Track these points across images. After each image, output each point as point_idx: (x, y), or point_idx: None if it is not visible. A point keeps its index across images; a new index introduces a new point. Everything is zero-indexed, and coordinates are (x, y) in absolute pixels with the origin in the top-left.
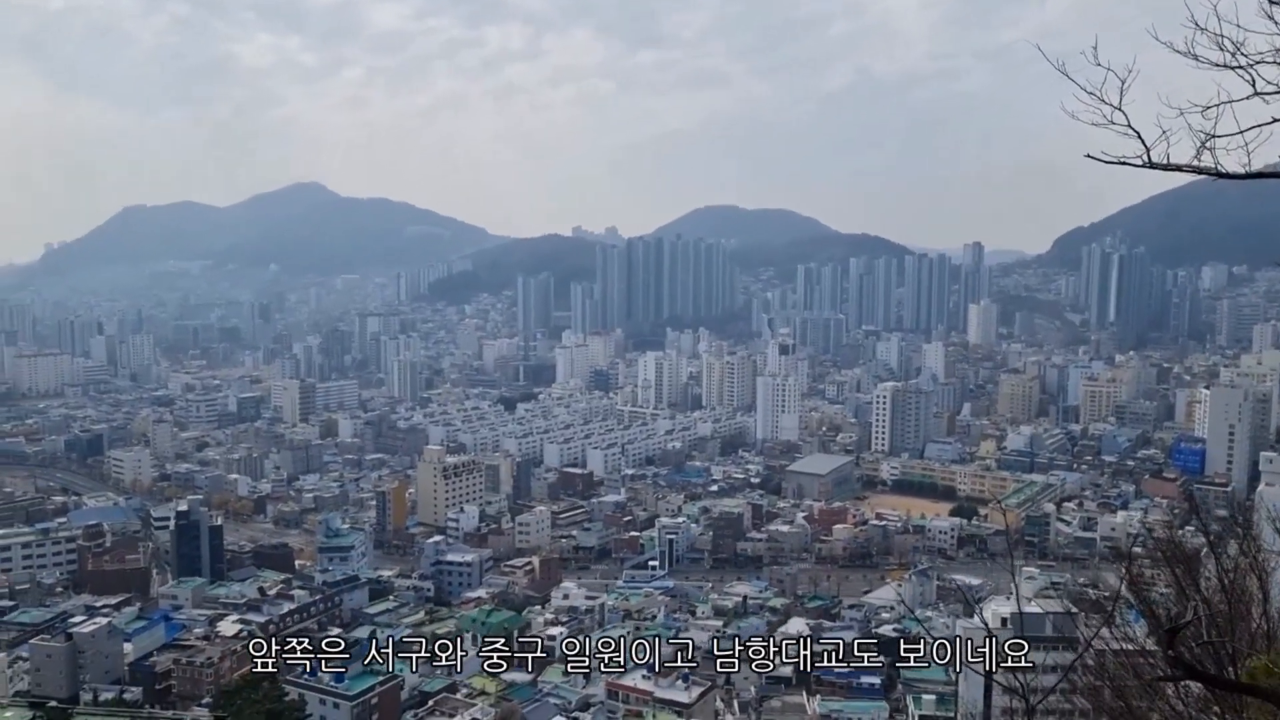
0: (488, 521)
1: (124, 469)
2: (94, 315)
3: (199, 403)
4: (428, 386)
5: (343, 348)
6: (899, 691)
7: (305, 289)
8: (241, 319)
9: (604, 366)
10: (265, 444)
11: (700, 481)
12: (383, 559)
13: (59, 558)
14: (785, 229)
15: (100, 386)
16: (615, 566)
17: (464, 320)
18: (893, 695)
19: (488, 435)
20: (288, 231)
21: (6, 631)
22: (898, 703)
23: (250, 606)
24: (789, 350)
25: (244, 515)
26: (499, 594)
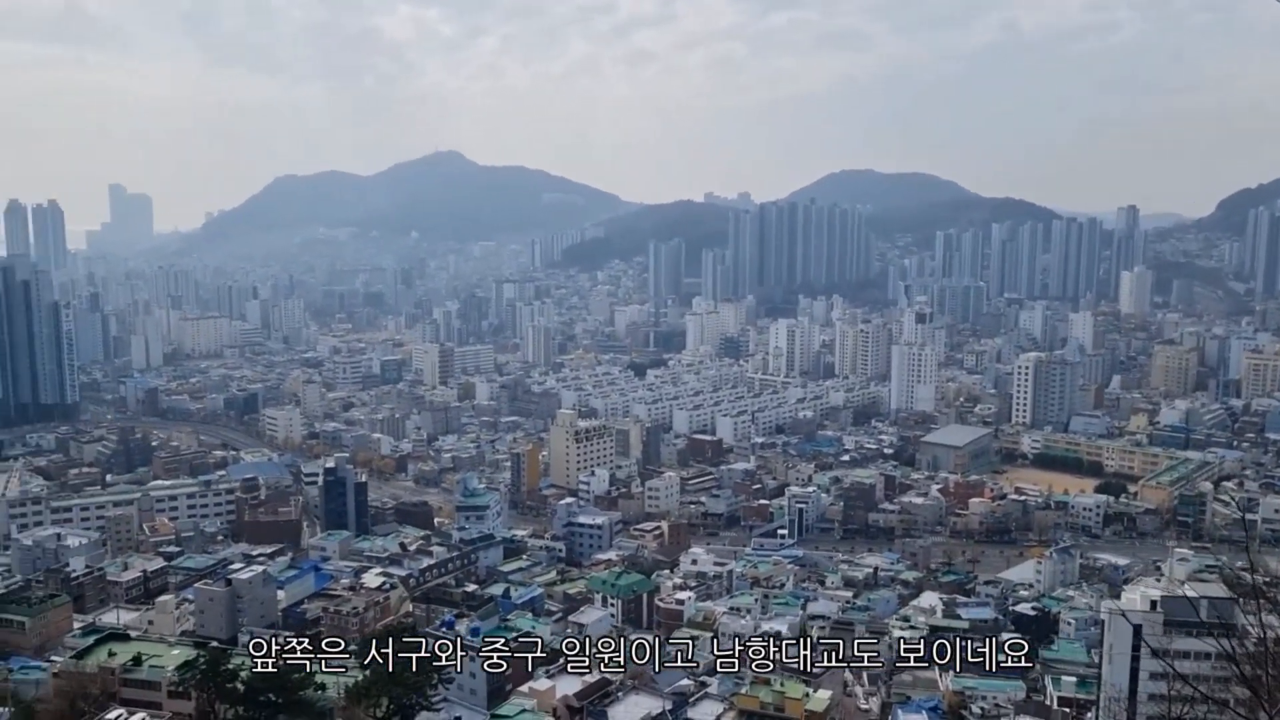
0: (618, 485)
1: (277, 427)
2: (249, 280)
3: (345, 365)
4: (561, 351)
5: (480, 313)
6: (1037, 671)
7: (444, 255)
8: (385, 284)
9: (734, 333)
10: (407, 405)
11: (831, 451)
12: (517, 519)
13: (219, 508)
14: (924, 193)
15: (255, 348)
16: (744, 534)
17: (596, 286)
18: (1030, 675)
19: (618, 400)
20: (428, 199)
21: (174, 575)
22: (1035, 682)
23: (392, 560)
24: (926, 318)
25: (386, 473)
26: (628, 557)
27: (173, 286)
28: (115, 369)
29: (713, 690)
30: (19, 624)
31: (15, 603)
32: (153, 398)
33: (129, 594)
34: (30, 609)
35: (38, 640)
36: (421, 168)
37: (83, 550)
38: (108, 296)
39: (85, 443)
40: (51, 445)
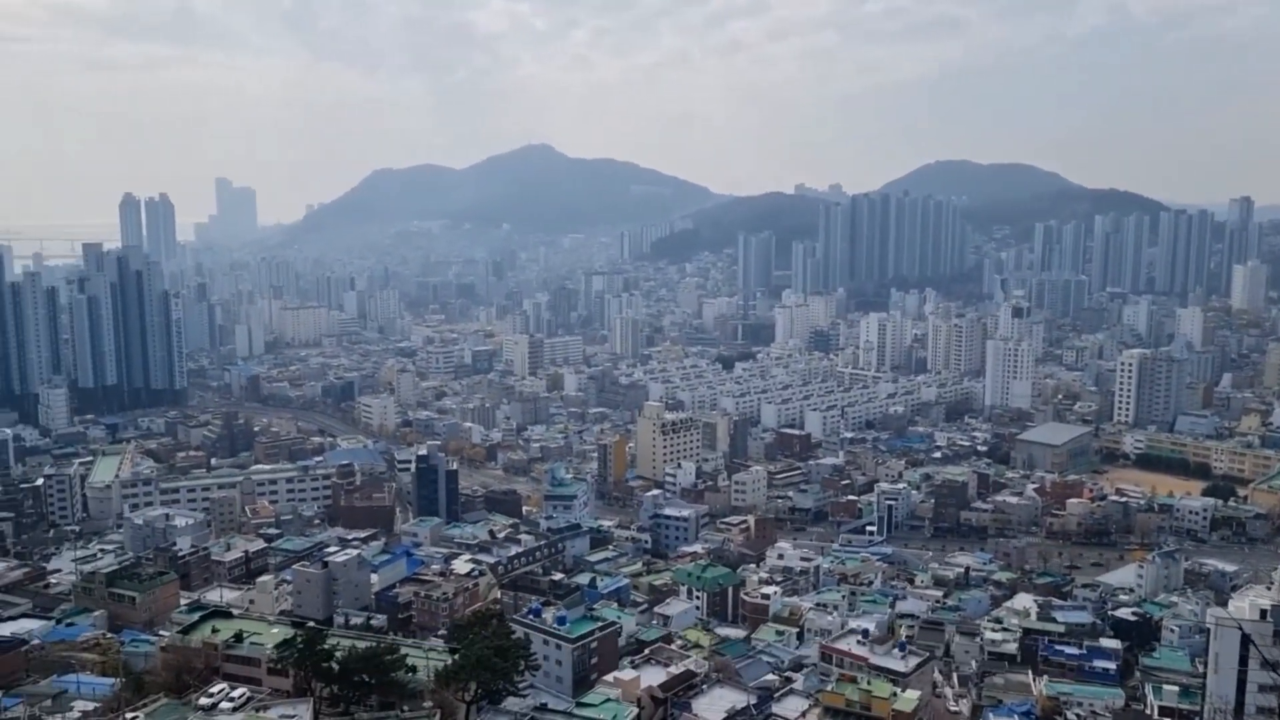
0: (704, 478)
1: (372, 414)
2: (347, 271)
3: (438, 354)
4: (648, 343)
5: (569, 304)
6: (1136, 679)
7: (535, 247)
8: (476, 276)
9: (824, 327)
10: (497, 395)
11: (923, 447)
12: (603, 509)
13: (316, 493)
14: (1023, 185)
15: (352, 337)
16: (831, 530)
17: (685, 278)
18: (1129, 682)
19: (706, 393)
20: (519, 191)
21: (273, 556)
22: (1134, 691)
23: (481, 547)
24: (1023, 313)
25: (477, 461)
26: (714, 550)
27: (274, 277)
28: (220, 356)
29: (798, 686)
30: (130, 599)
31: (127, 579)
32: (255, 385)
33: (231, 573)
34: (140, 585)
35: (147, 615)
36: (513, 160)
37: (189, 530)
38: (214, 286)
39: (192, 427)
40: (161, 429)
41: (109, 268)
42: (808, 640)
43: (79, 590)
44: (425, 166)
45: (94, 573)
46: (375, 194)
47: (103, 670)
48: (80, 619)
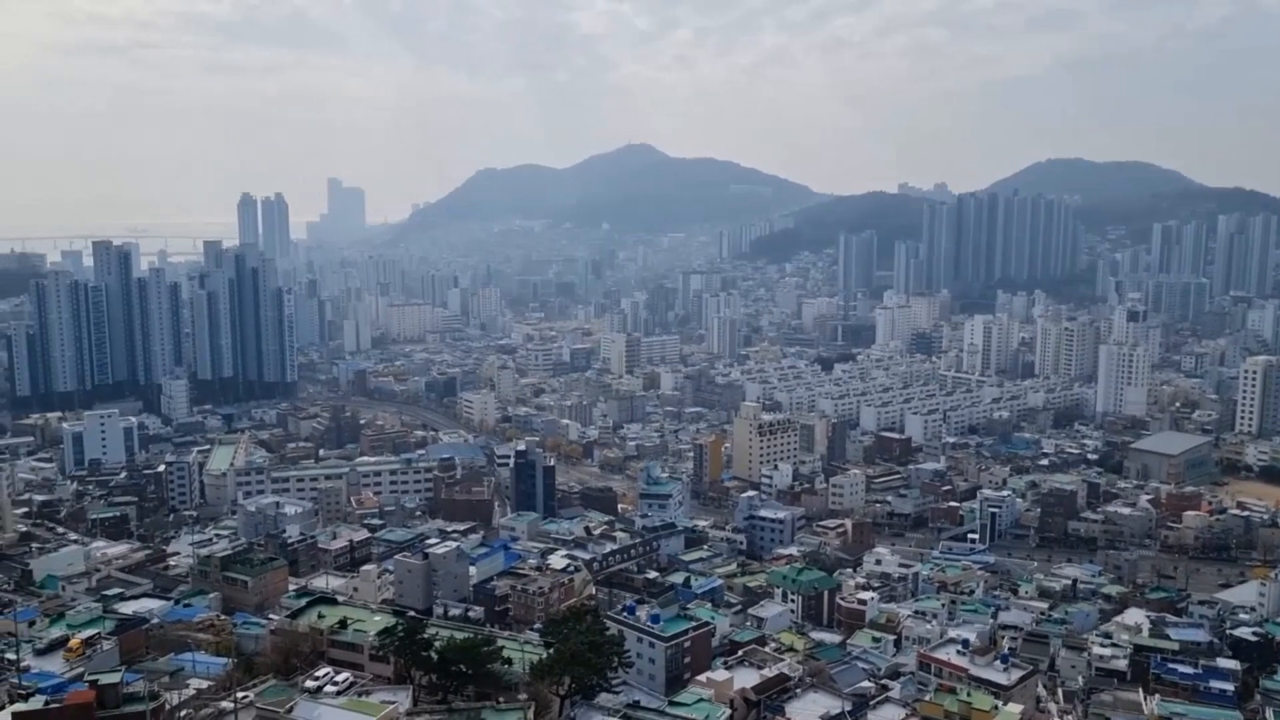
0: (801, 480)
1: (473, 409)
2: (451, 270)
3: (537, 352)
4: (746, 343)
5: (666, 303)
6: (1256, 702)
7: (634, 246)
8: (576, 274)
9: (927, 329)
10: (594, 393)
11: (1029, 454)
12: (698, 509)
13: (418, 485)
14: (1140, 183)
15: (455, 334)
16: (931, 536)
17: (784, 278)
18: (1248, 705)
19: (804, 394)
20: (619, 191)
21: (376, 546)
22: (1253, 714)
23: (577, 543)
24: (1139, 316)
25: (573, 458)
26: (810, 553)
27: (381, 274)
28: (329, 351)
29: (895, 695)
30: (242, 583)
31: (240, 564)
32: (361, 379)
33: (337, 561)
34: (252, 570)
35: (258, 599)
36: (613, 160)
37: (298, 519)
38: (324, 283)
39: (302, 419)
40: (273, 420)
41: (227, 265)
42: (905, 648)
43: (196, 573)
44: (528, 166)
45: (209, 557)
46: (479, 193)
47: (216, 650)
48: (196, 600)
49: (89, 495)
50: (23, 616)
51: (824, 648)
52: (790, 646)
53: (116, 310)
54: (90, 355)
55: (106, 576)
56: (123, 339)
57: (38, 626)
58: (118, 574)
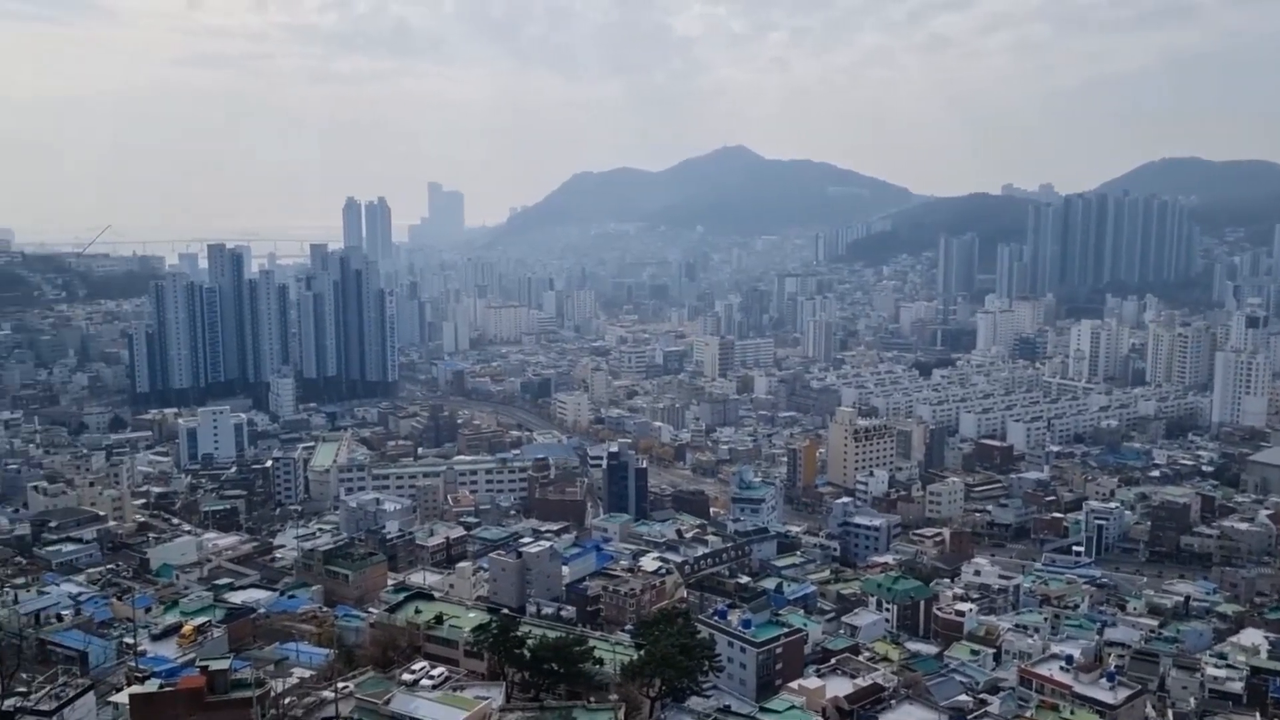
0: (897, 487)
1: (566, 411)
2: (547, 272)
3: (630, 354)
4: (842, 347)
5: (761, 306)
6: None
7: (728, 249)
8: (670, 277)
9: (1031, 334)
10: (687, 395)
11: (1138, 465)
12: (791, 514)
13: (513, 485)
14: (1261, 183)
15: (550, 336)
16: (1033, 547)
17: (881, 281)
18: None
19: (901, 400)
20: (713, 193)
21: (472, 544)
22: None
23: (668, 546)
24: (1259, 322)
25: (665, 461)
26: (906, 562)
27: (479, 277)
28: (428, 351)
29: (994, 710)
30: (344, 576)
31: (341, 558)
32: (459, 379)
33: (433, 558)
34: (353, 564)
35: (358, 593)
36: (709, 162)
37: (397, 515)
38: (424, 285)
39: (401, 418)
40: (374, 419)
41: (332, 267)
42: (1005, 662)
43: (300, 566)
44: (623, 169)
45: (313, 550)
46: (575, 196)
47: (318, 641)
48: (300, 592)
49: (202, 488)
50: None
51: (920, 659)
52: (885, 656)
53: (229, 311)
54: (204, 354)
55: (217, 567)
56: (234, 338)
57: (153, 612)
58: (227, 564)
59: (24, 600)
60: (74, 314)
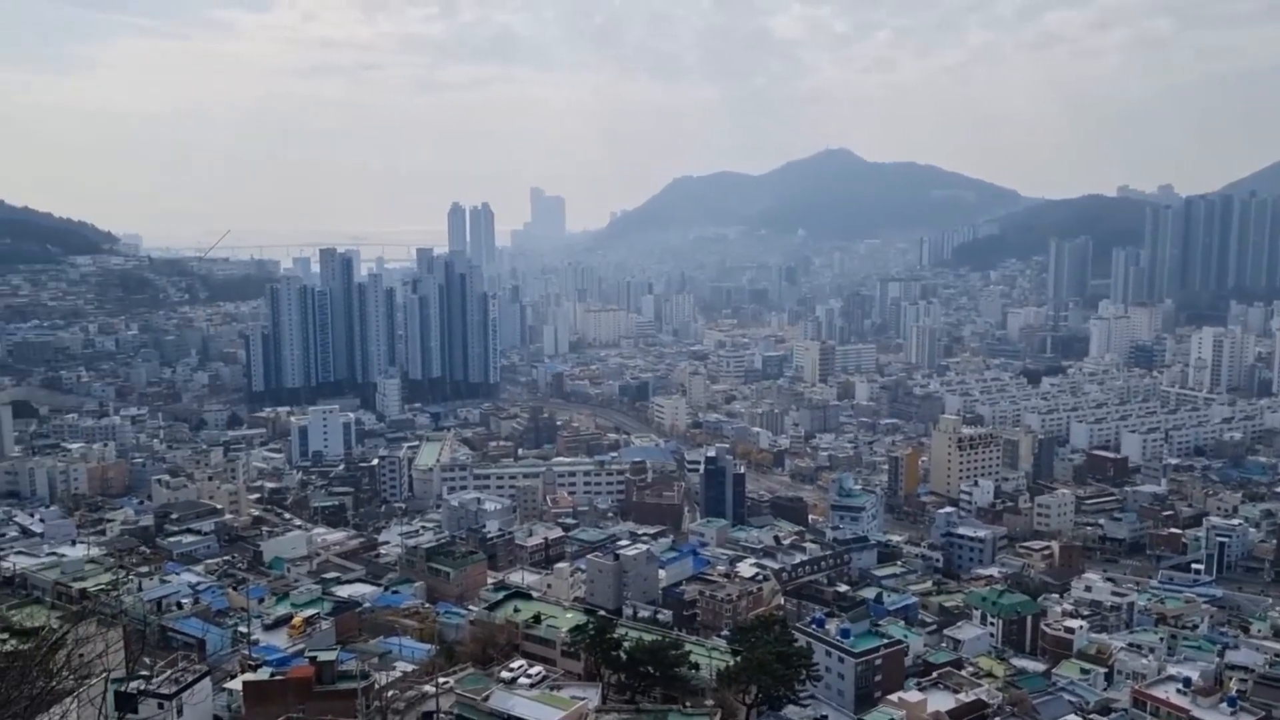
0: (1003, 498)
1: (664, 414)
2: (646, 276)
3: (729, 358)
4: (946, 354)
5: (862, 311)
6: None
7: (829, 253)
8: (770, 281)
9: (1148, 341)
10: (786, 401)
11: (1265, 480)
12: (892, 523)
13: (610, 487)
14: None
15: (648, 339)
16: (1148, 564)
17: (988, 286)
18: None
19: (1008, 408)
20: (815, 197)
21: (570, 545)
22: None
23: (766, 552)
24: None
25: (763, 466)
26: (1012, 575)
27: (579, 281)
28: (529, 354)
29: None
30: (445, 574)
31: (443, 555)
32: (558, 382)
33: (532, 558)
34: (454, 562)
35: (459, 590)
36: (810, 165)
37: (497, 515)
38: (525, 289)
39: (503, 419)
40: (476, 419)
41: (438, 271)
42: (1117, 683)
43: (403, 562)
44: (724, 173)
45: (416, 547)
46: (676, 200)
47: (420, 636)
48: (404, 588)
49: (312, 485)
50: (254, 594)
51: (1026, 676)
52: (989, 672)
53: (339, 313)
54: (315, 354)
55: (325, 561)
56: (344, 340)
57: (266, 603)
58: (335, 559)
59: (147, 588)
60: (196, 315)
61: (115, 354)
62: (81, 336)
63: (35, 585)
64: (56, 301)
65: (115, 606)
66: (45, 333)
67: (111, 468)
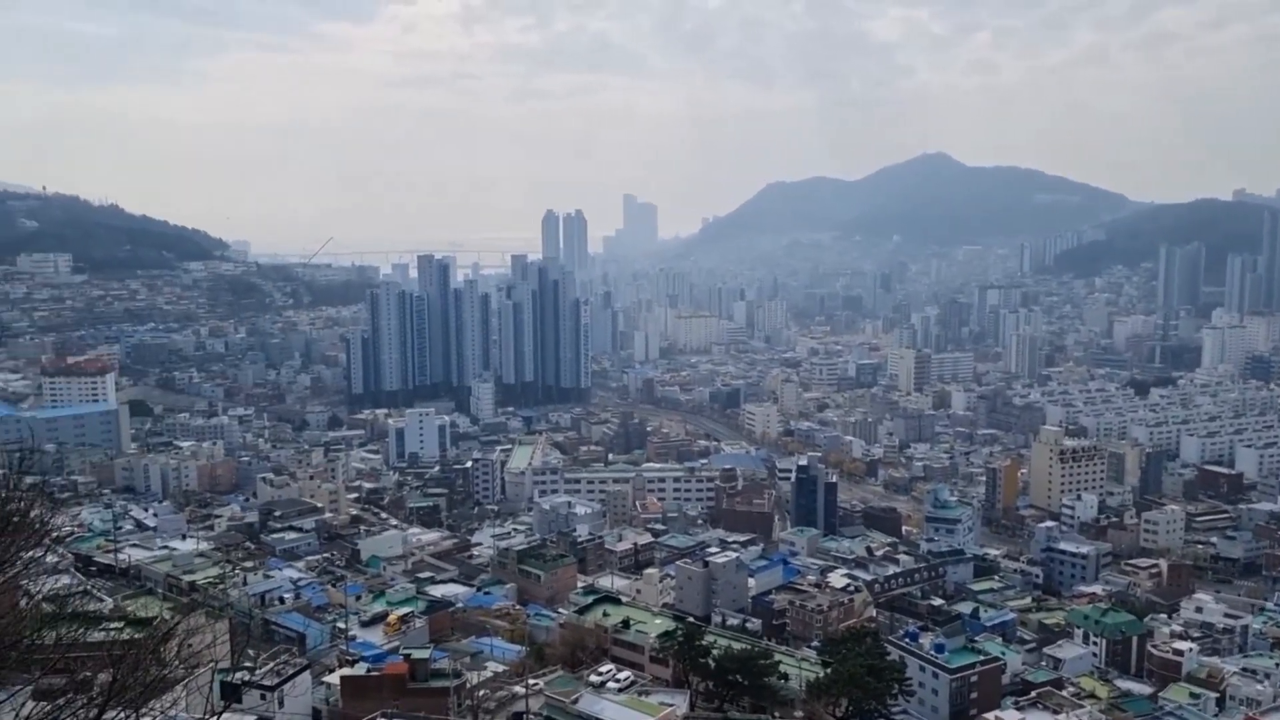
0: (1108, 513)
1: (755, 421)
2: (738, 283)
3: (822, 366)
4: (1048, 363)
5: (960, 319)
6: None
7: (926, 259)
8: (864, 288)
9: (1265, 351)
10: (880, 410)
11: None
12: (989, 537)
13: (700, 493)
14: None
15: (739, 346)
16: (1265, 585)
17: (1093, 294)
18: None
19: (1113, 420)
20: (911, 202)
21: (659, 551)
22: None
23: (858, 563)
24: None
25: (856, 476)
26: (1117, 593)
27: (671, 287)
28: (620, 360)
29: None
30: (536, 576)
31: (534, 558)
32: (649, 387)
33: (621, 563)
34: (545, 565)
35: (549, 593)
36: (906, 170)
37: (587, 519)
38: (617, 295)
39: (593, 424)
40: (567, 424)
41: (531, 277)
42: (1229, 709)
43: (495, 564)
44: (817, 179)
45: (508, 549)
46: (768, 206)
47: (510, 637)
48: (495, 589)
49: (408, 485)
50: (351, 591)
51: (1131, 699)
52: (1091, 693)
53: (435, 318)
54: (412, 358)
55: (420, 560)
56: (440, 344)
57: (362, 600)
58: (429, 559)
59: (252, 583)
60: (300, 319)
61: (224, 356)
62: (194, 339)
63: (148, 577)
64: (171, 305)
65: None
66: (161, 335)
67: (220, 466)
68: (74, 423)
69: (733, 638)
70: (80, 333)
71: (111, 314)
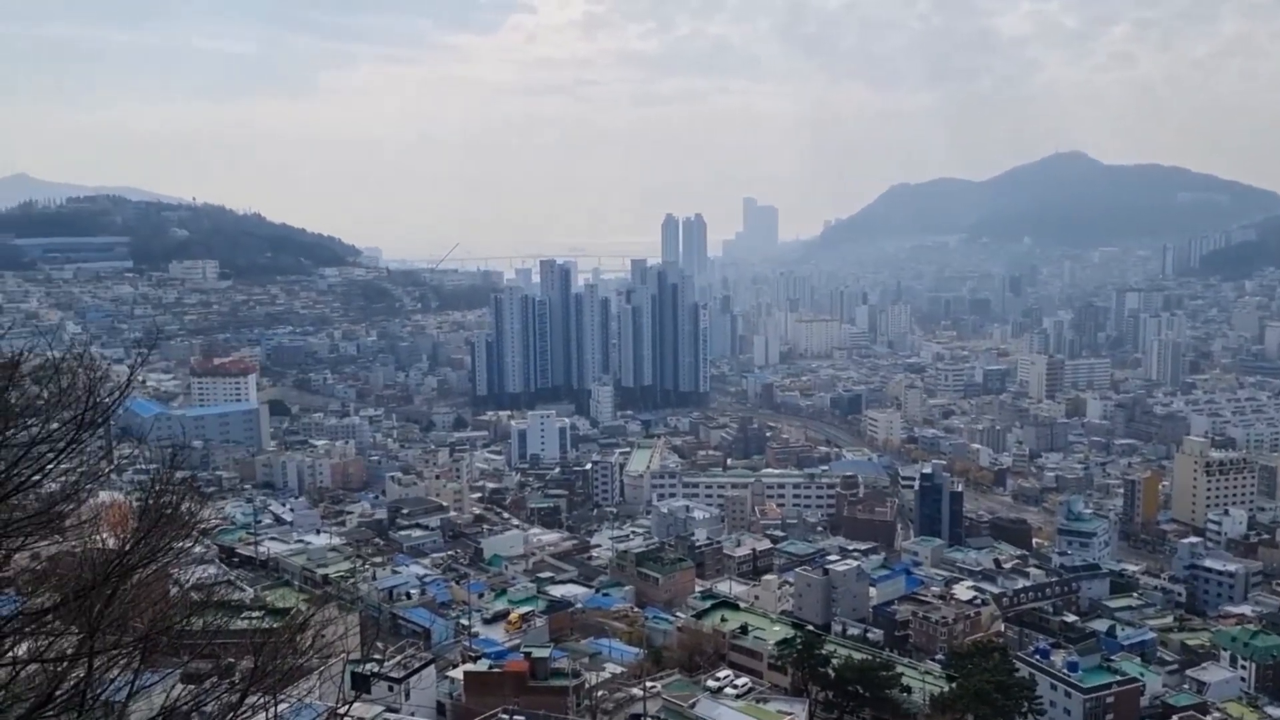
0: (1259, 530)
1: (877, 428)
2: (860, 286)
3: (947, 371)
4: (1192, 370)
5: (1096, 324)
6: None
7: (1059, 262)
8: (992, 291)
9: None
10: (1009, 417)
11: None
12: (1127, 551)
13: (820, 500)
14: None
15: (861, 351)
16: None
17: (1242, 297)
18: None
19: (1265, 431)
20: (1043, 203)
21: (778, 557)
22: None
23: (985, 575)
24: None
25: (983, 485)
26: (1268, 615)
27: (791, 290)
28: (739, 364)
29: None
30: (654, 579)
31: (652, 561)
32: (768, 392)
33: (739, 568)
34: (663, 568)
35: (666, 596)
36: (1038, 170)
37: (705, 524)
38: (736, 299)
39: (712, 428)
40: (686, 428)
41: (650, 281)
42: None
43: (614, 565)
44: (943, 180)
45: (626, 552)
46: (891, 209)
47: (628, 639)
48: (614, 591)
49: (529, 486)
50: (474, 589)
51: None
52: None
53: (557, 322)
54: (534, 361)
55: (540, 560)
56: (561, 348)
57: (485, 598)
58: (549, 559)
59: (381, 578)
60: (427, 323)
61: (356, 358)
62: (328, 342)
63: (285, 569)
64: (307, 309)
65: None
66: (298, 338)
67: (351, 464)
68: (219, 421)
69: (853, 647)
70: (225, 335)
71: (253, 318)
